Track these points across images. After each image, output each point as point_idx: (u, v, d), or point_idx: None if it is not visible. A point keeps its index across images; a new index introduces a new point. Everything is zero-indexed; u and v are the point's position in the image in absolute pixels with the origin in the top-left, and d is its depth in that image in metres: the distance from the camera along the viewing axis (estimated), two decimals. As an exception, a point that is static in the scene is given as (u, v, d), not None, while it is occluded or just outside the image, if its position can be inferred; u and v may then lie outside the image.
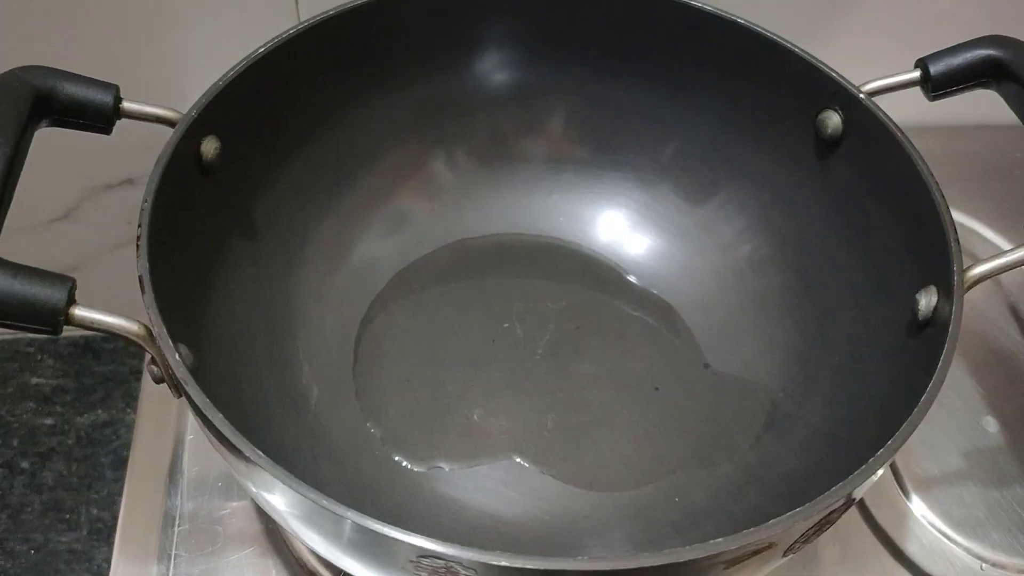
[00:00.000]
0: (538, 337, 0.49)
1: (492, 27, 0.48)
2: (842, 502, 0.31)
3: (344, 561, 0.33)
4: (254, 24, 0.47)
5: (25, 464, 0.57)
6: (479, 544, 0.41)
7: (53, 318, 0.32)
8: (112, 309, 0.34)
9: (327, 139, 0.48)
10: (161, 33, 0.51)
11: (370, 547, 0.31)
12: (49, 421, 0.59)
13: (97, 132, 0.39)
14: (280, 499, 0.32)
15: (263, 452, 0.31)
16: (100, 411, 0.60)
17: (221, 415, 0.31)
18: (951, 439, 0.48)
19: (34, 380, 0.61)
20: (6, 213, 0.35)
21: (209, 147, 0.41)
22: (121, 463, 0.56)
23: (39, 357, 0.62)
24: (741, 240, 0.50)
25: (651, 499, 0.43)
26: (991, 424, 0.48)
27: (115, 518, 0.47)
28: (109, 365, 0.62)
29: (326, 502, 0.29)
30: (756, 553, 0.31)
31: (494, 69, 0.50)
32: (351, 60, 0.46)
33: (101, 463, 0.57)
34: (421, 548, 0.29)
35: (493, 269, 0.51)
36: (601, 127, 0.51)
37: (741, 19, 0.45)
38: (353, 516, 0.29)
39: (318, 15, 0.44)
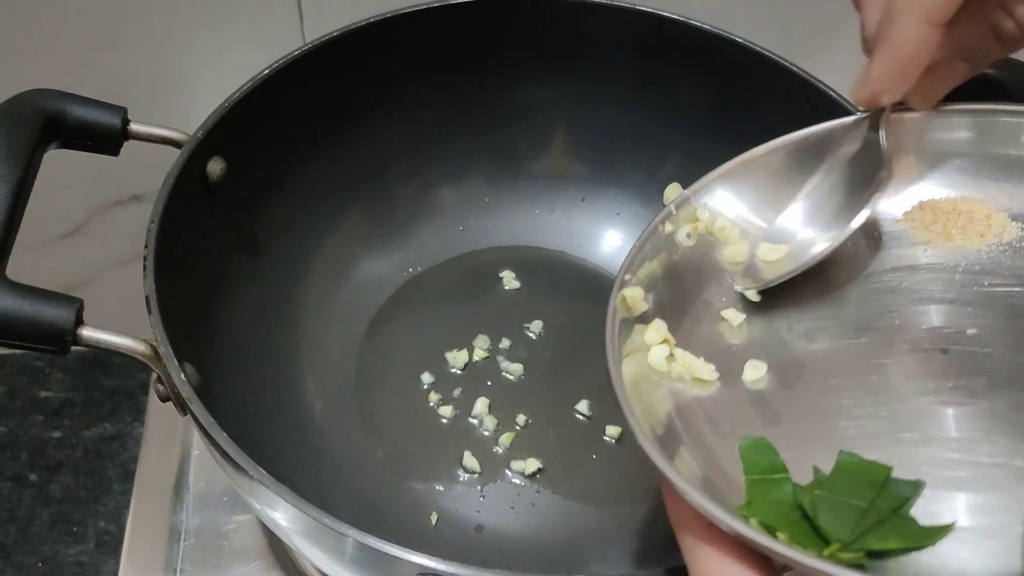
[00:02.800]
0: (540, 351, 0.49)
1: (495, 48, 0.49)
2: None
3: (346, 577, 0.34)
4: (260, 45, 0.47)
5: (33, 477, 0.58)
6: (480, 560, 0.42)
7: (61, 339, 0.32)
8: (121, 324, 0.35)
9: (332, 158, 0.48)
10: (168, 54, 0.51)
11: (371, 564, 0.31)
12: (57, 434, 0.60)
13: (105, 153, 0.40)
14: (282, 516, 0.32)
15: (266, 468, 0.31)
16: (108, 424, 0.60)
17: (225, 434, 0.32)
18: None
19: (43, 393, 0.62)
20: (16, 233, 0.36)
21: (215, 167, 0.41)
22: (128, 476, 0.56)
23: (48, 371, 0.63)
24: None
25: (652, 515, 0.44)
26: None
27: (122, 531, 0.48)
28: (117, 379, 0.62)
29: (328, 520, 0.30)
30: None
31: (497, 89, 0.50)
32: (356, 80, 0.47)
33: (109, 476, 0.58)
34: (421, 566, 0.29)
35: (496, 284, 0.52)
36: (601, 144, 0.52)
37: (739, 37, 0.45)
38: (354, 534, 0.30)
39: (323, 36, 0.45)
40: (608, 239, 0.53)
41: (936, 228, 0.32)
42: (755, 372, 0.30)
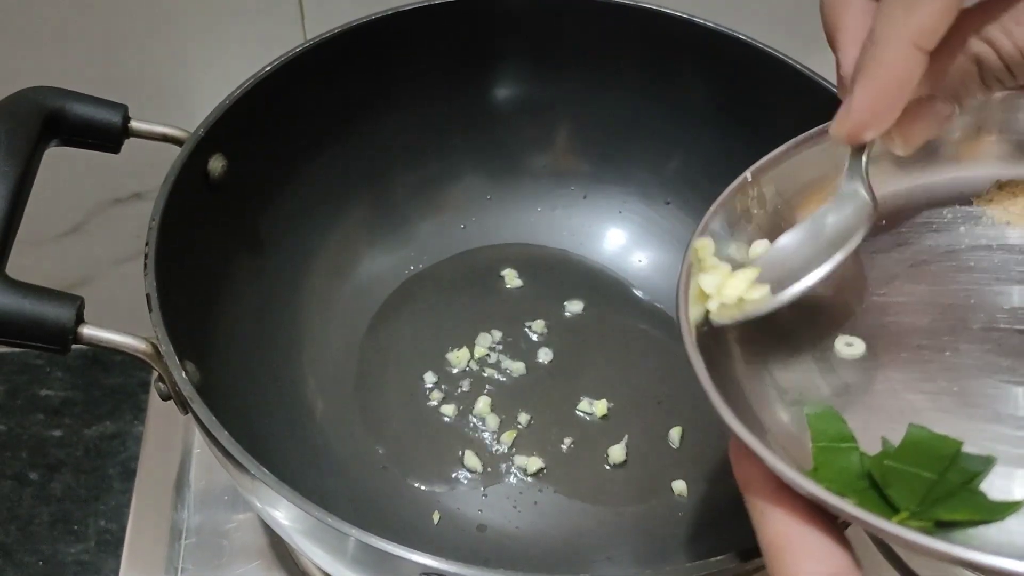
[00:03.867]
0: (543, 351, 0.49)
1: (498, 44, 0.49)
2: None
3: (348, 576, 0.33)
4: (261, 42, 0.47)
5: (34, 476, 0.58)
6: (483, 559, 0.41)
7: (62, 337, 0.32)
8: (120, 322, 0.34)
9: (333, 155, 0.48)
10: (169, 51, 0.51)
11: (374, 564, 0.31)
12: (58, 433, 0.60)
13: (106, 151, 0.40)
14: (284, 515, 0.32)
15: (268, 467, 0.31)
16: (108, 423, 0.60)
17: (227, 433, 0.32)
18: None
19: (43, 392, 0.62)
20: (17, 231, 0.36)
21: (216, 165, 0.41)
22: (129, 475, 0.56)
23: (48, 369, 0.63)
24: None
25: (656, 514, 0.43)
26: None
27: (123, 530, 0.47)
28: (117, 377, 0.62)
29: (330, 519, 0.30)
30: (762, 568, 0.31)
31: (500, 85, 0.50)
32: (357, 77, 0.47)
33: (109, 475, 0.58)
34: (424, 566, 0.29)
35: (498, 282, 0.52)
36: (605, 142, 0.52)
37: (744, 35, 0.45)
38: (357, 533, 0.29)
39: (324, 33, 0.45)
40: (610, 237, 0.53)
41: (1015, 209, 0.32)
42: (847, 347, 0.30)
